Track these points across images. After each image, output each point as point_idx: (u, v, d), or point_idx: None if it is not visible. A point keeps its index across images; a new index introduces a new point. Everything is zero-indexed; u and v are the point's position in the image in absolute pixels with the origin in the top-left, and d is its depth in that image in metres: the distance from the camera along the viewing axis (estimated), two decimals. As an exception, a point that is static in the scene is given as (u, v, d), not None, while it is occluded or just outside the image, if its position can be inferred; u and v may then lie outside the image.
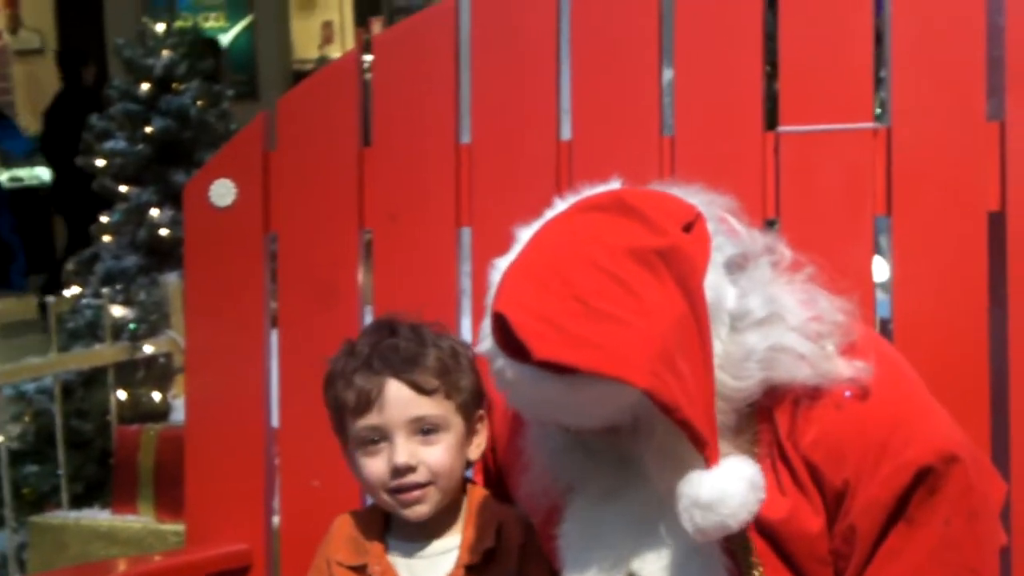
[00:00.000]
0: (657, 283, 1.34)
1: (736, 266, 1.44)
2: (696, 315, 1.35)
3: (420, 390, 1.50)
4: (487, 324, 1.41)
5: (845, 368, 1.43)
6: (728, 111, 1.85)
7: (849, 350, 1.45)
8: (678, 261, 1.36)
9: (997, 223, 1.77)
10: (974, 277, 1.75)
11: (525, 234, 1.47)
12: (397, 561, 1.52)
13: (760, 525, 1.43)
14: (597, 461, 1.48)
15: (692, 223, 1.42)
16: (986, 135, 1.76)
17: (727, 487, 1.36)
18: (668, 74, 1.91)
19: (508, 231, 1.93)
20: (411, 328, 1.55)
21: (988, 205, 1.77)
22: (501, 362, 1.38)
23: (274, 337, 2.03)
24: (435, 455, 1.50)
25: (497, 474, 1.67)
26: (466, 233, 1.98)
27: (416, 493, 1.50)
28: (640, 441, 1.43)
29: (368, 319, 1.93)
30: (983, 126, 1.77)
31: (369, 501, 1.79)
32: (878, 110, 1.96)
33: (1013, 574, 1.68)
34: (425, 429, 1.50)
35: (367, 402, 1.49)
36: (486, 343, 1.42)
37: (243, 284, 2.02)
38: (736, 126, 1.84)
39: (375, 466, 1.50)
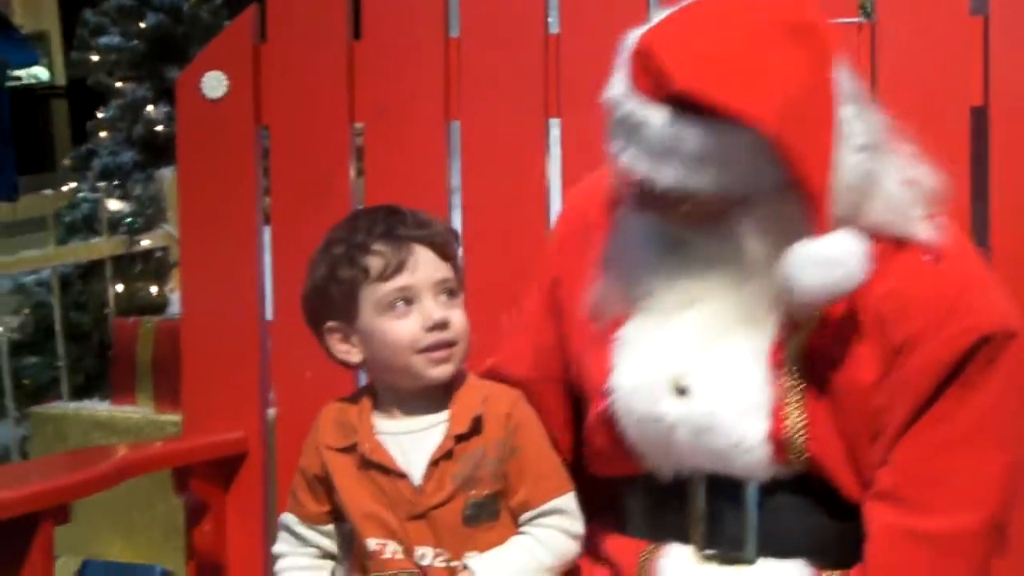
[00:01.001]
0: (800, 51, 1.40)
1: (851, 96, 1.47)
2: (828, 91, 1.41)
3: (443, 254, 1.56)
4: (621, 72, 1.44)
5: (926, 231, 1.48)
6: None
7: (930, 219, 1.49)
8: (819, 40, 1.42)
9: (979, 118, 1.79)
10: (956, 172, 1.77)
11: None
12: (386, 439, 1.56)
13: (815, 360, 1.48)
14: (678, 270, 1.51)
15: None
16: (969, 30, 1.77)
17: (843, 247, 1.41)
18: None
19: (496, 125, 1.96)
20: (411, 209, 1.59)
21: (971, 100, 1.78)
22: (630, 106, 1.42)
23: (267, 231, 2.06)
24: (459, 315, 1.55)
25: (550, 301, 1.68)
26: (456, 127, 1.99)
27: (447, 351, 1.54)
28: (740, 228, 1.45)
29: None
30: (966, 20, 1.78)
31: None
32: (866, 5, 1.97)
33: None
34: (448, 291, 1.55)
35: (399, 264, 1.52)
36: (614, 89, 1.44)
37: (235, 177, 2.04)
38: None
39: (406, 327, 1.52)
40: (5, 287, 3.67)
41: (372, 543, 1.54)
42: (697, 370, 1.50)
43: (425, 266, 1.54)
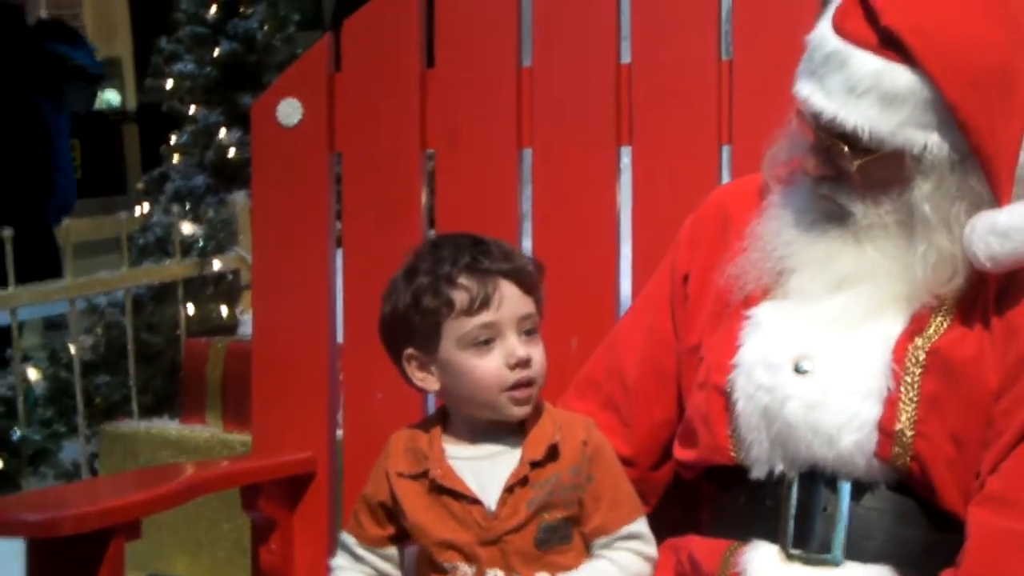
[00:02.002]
0: (1002, 33, 1.46)
1: None
2: (1023, 72, 1.46)
3: (526, 289, 1.55)
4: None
5: None
6: (789, 35, 1.85)
7: None
8: (1021, 26, 1.48)
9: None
10: None
11: None
12: (458, 464, 1.56)
13: (940, 358, 1.49)
14: (834, 246, 1.54)
15: None
16: None
17: (1023, 217, 1.45)
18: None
19: (568, 153, 1.98)
20: (494, 239, 1.59)
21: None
22: (834, 43, 1.49)
23: (339, 256, 2.09)
24: (539, 353, 1.55)
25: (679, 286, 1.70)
26: (527, 155, 2.01)
27: (528, 391, 1.54)
28: (913, 195, 1.49)
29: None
30: None
31: (431, 411, 1.85)
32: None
33: None
34: (528, 329, 1.55)
35: (485, 299, 1.52)
36: (817, 30, 1.52)
37: (309, 202, 2.07)
38: (797, 52, 1.85)
39: (491, 364, 1.52)
40: (80, 307, 3.73)
41: (444, 567, 1.55)
42: (820, 353, 1.52)
43: (509, 302, 1.53)
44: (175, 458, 3.26)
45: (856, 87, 1.47)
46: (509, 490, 1.53)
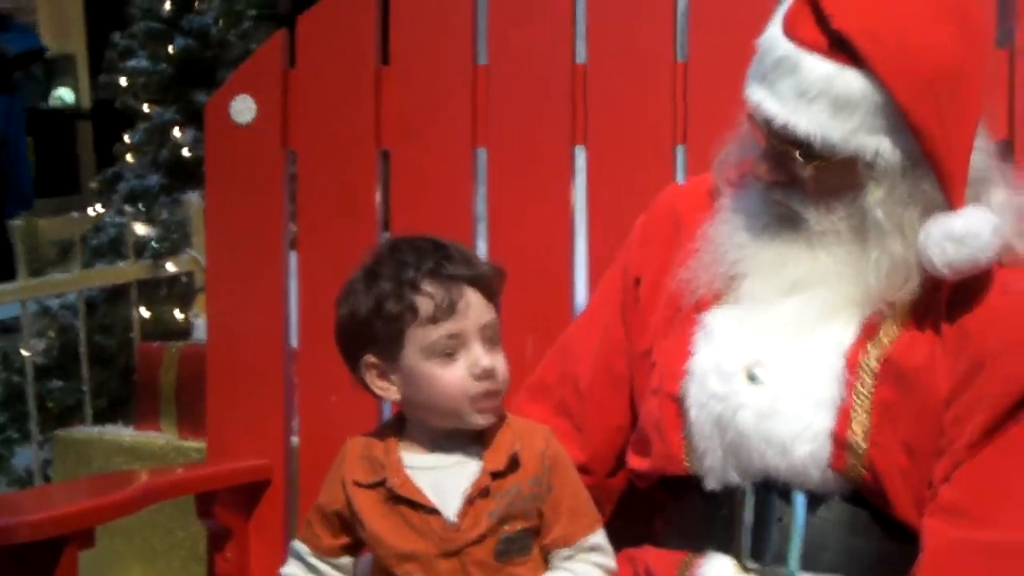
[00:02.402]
0: (957, 34, 1.45)
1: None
2: (977, 78, 1.46)
3: (489, 297, 1.53)
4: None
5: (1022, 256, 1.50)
6: (744, 38, 1.84)
7: None
8: (976, 28, 1.49)
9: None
10: None
11: None
12: (416, 473, 1.53)
13: (892, 366, 1.48)
14: (784, 250, 1.53)
15: None
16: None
17: (977, 222, 1.45)
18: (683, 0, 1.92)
19: (523, 152, 1.96)
20: (453, 243, 1.56)
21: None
22: (784, 48, 1.47)
23: (293, 257, 2.06)
24: (502, 362, 1.52)
25: (631, 286, 1.69)
26: (482, 154, 1.99)
27: (494, 400, 1.51)
28: (866, 200, 1.48)
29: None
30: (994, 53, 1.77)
31: (387, 417, 1.82)
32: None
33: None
34: (491, 337, 1.52)
35: (450, 307, 1.48)
36: (767, 34, 1.52)
37: (262, 201, 2.05)
38: (753, 54, 1.84)
39: (455, 374, 1.49)
40: (31, 310, 3.68)
41: None
42: (773, 360, 1.50)
43: (474, 310, 1.50)
44: (129, 465, 3.23)
45: (807, 92, 1.45)
46: (470, 501, 1.51)
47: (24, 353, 3.59)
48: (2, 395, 3.81)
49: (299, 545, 1.60)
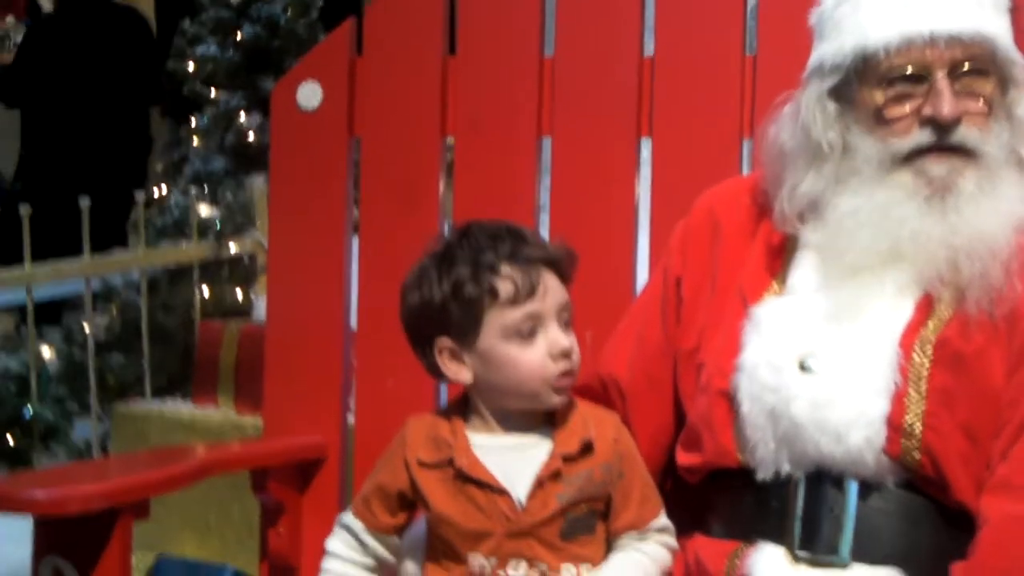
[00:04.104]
0: None
1: None
2: None
3: (563, 279, 1.54)
4: None
5: None
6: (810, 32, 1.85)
7: None
8: None
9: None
10: None
11: None
12: (483, 454, 1.54)
13: (948, 349, 1.48)
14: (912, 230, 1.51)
15: None
16: None
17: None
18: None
19: (588, 143, 1.97)
20: (524, 227, 1.58)
21: None
22: None
23: (355, 242, 2.08)
24: (576, 343, 1.54)
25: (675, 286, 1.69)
26: (547, 144, 2.00)
27: (570, 379, 1.52)
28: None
29: (447, 228, 1.98)
30: None
31: (443, 400, 1.84)
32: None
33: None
34: (566, 318, 1.54)
35: (530, 289, 1.50)
36: None
37: (326, 186, 2.07)
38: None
39: (535, 355, 1.50)
40: (95, 287, 3.73)
41: (466, 556, 1.53)
42: (825, 349, 1.50)
43: (551, 292, 1.52)
44: (186, 439, 3.27)
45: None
46: (540, 483, 1.51)
47: (86, 328, 3.65)
48: (64, 369, 3.87)
49: (354, 521, 1.62)
